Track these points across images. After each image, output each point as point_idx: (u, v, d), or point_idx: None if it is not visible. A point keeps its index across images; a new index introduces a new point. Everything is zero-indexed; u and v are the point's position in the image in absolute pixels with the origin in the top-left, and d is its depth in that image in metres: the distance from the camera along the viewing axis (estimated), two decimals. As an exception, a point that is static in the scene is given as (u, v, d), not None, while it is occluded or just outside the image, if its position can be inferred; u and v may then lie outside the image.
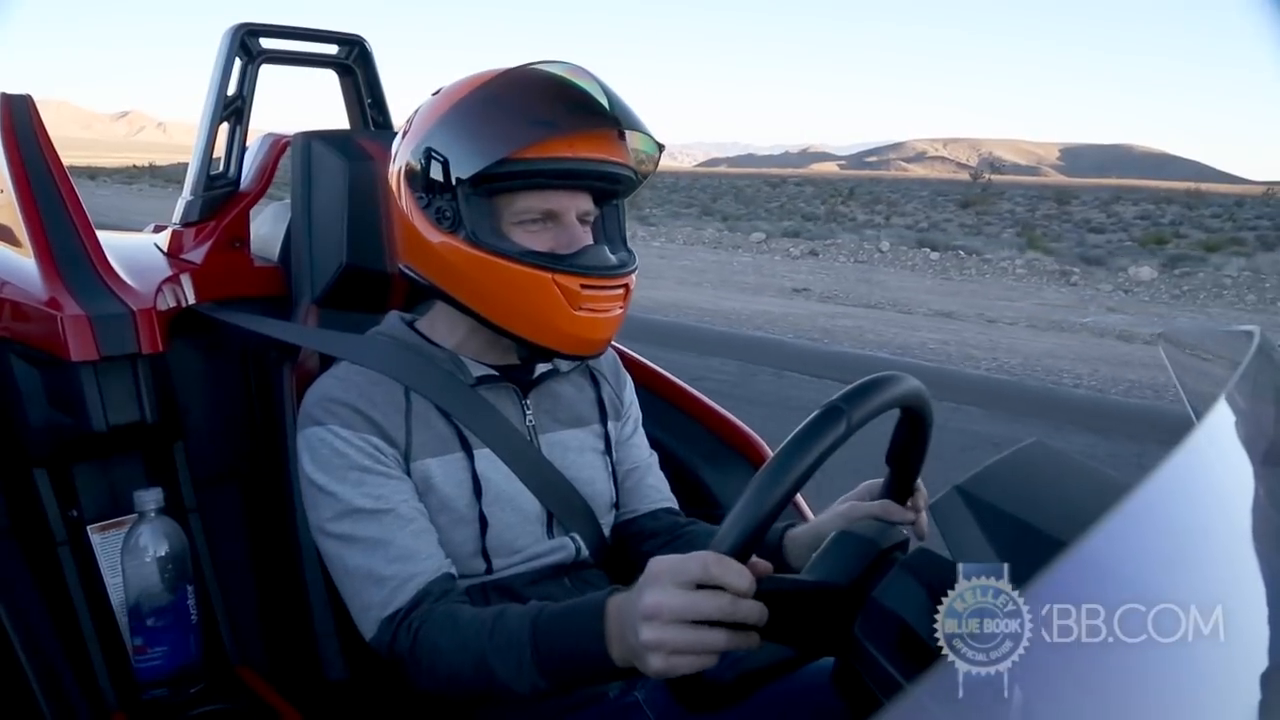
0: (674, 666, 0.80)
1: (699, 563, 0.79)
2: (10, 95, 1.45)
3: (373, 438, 1.13)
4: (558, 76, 1.14)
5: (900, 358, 7.86)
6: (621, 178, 1.18)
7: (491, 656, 0.96)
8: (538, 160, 1.10)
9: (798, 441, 0.81)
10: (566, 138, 1.10)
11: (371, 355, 1.21)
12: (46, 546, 1.35)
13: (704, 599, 0.78)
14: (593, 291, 1.12)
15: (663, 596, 0.80)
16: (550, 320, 1.13)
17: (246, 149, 1.65)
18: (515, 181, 1.11)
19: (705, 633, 0.79)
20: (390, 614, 1.07)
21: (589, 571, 1.25)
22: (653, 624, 0.80)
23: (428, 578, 1.08)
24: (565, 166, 1.12)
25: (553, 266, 1.11)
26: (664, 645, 0.79)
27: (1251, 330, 0.90)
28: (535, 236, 1.14)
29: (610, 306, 1.15)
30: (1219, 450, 0.69)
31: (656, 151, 1.21)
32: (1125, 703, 0.49)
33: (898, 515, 1.09)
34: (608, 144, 1.14)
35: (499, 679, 0.96)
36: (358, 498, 1.10)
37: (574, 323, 1.13)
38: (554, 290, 1.11)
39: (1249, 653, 0.55)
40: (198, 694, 1.33)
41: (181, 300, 1.46)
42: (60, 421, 1.33)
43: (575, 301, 1.12)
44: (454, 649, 1.00)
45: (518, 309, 1.14)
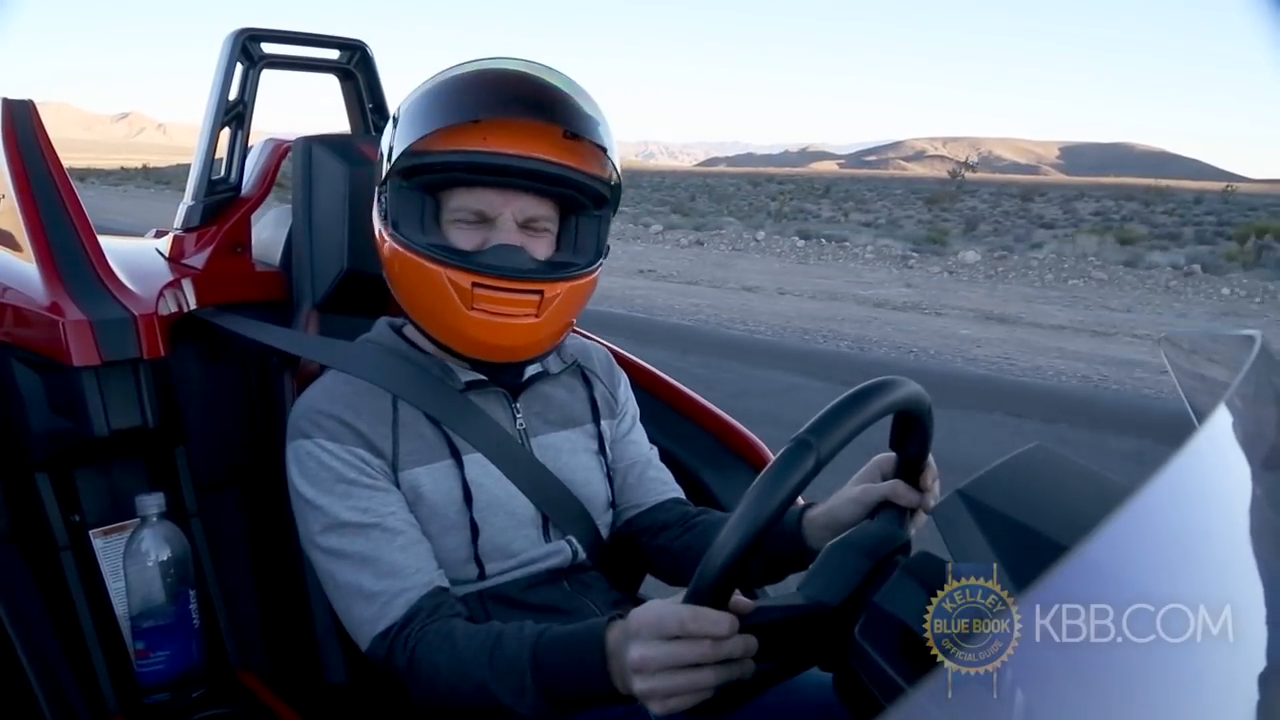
0: (671, 709, 0.82)
1: (675, 619, 0.81)
2: (12, 101, 1.45)
3: (359, 450, 1.12)
4: (504, 70, 1.13)
5: (658, 317, 9.53)
6: (563, 180, 1.13)
7: (492, 682, 0.96)
8: (450, 152, 1.09)
9: (767, 485, 0.81)
10: (478, 127, 1.08)
11: (360, 364, 1.21)
12: (48, 551, 1.35)
13: (685, 648, 0.81)
14: (486, 291, 1.09)
15: (646, 650, 0.82)
16: (445, 318, 1.12)
17: (248, 154, 1.66)
18: (435, 175, 1.11)
19: (693, 675, 0.81)
20: (382, 630, 1.06)
21: (587, 574, 1.24)
22: (642, 675, 0.83)
23: (418, 593, 1.07)
24: (477, 160, 1.09)
25: (447, 261, 1.09)
26: (657, 693, 0.82)
27: (1253, 335, 0.90)
28: (466, 233, 1.12)
29: (512, 311, 1.11)
30: (1220, 453, 0.70)
31: (605, 155, 1.15)
32: (1133, 703, 0.49)
33: (905, 496, 1.06)
34: (539, 142, 1.10)
35: (500, 702, 0.96)
36: (344, 511, 1.10)
37: (468, 323, 1.10)
38: (445, 285, 1.09)
39: (1250, 653, 0.55)
40: (199, 698, 1.32)
41: (183, 305, 1.46)
42: (62, 426, 1.33)
43: (468, 300, 1.09)
44: (452, 669, 1.00)
45: (420, 304, 1.14)
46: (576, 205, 1.18)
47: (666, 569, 1.28)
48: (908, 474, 1.08)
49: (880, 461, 1.12)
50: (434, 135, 1.08)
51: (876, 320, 9.81)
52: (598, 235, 1.20)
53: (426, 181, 1.12)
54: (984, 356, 7.87)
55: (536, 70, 1.13)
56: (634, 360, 1.68)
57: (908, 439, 1.04)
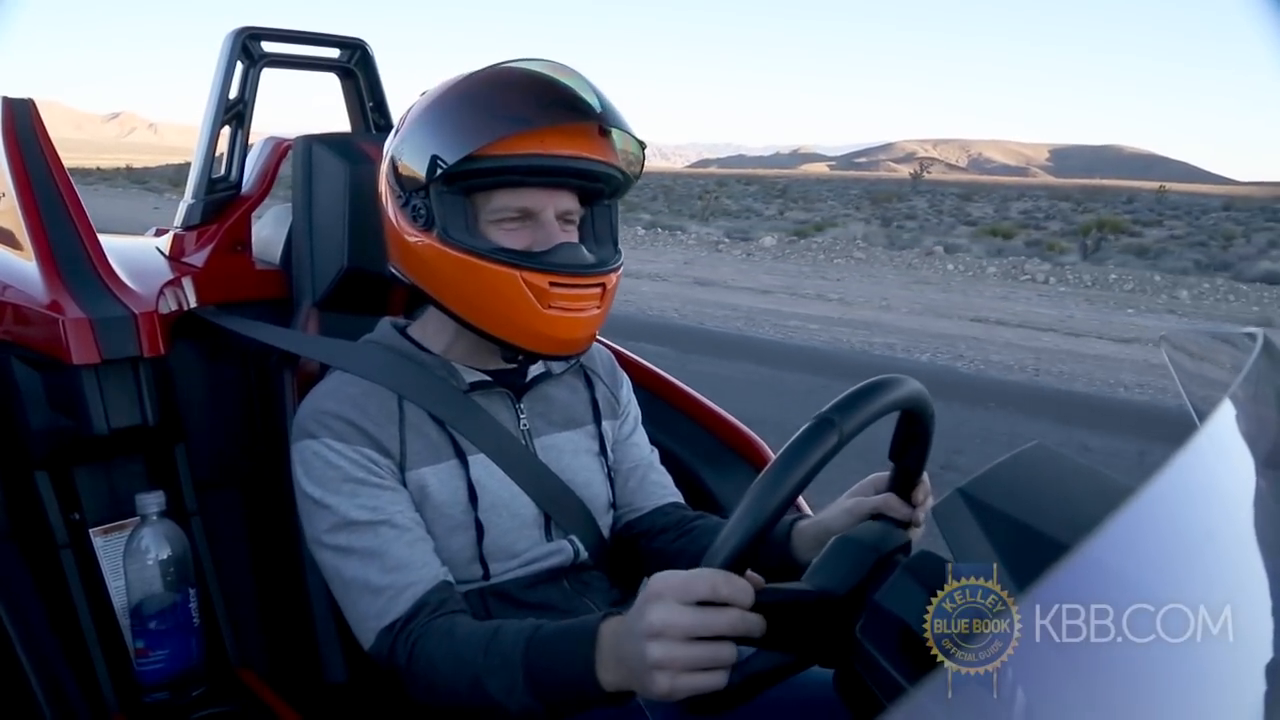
0: (680, 686, 0.78)
1: (707, 582, 0.78)
2: (12, 99, 1.45)
3: (366, 449, 1.12)
4: (535, 73, 1.13)
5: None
6: (601, 175, 1.16)
7: (485, 675, 0.95)
8: (507, 157, 1.09)
9: (791, 453, 0.81)
10: (537, 133, 1.09)
11: (365, 364, 1.21)
12: (48, 549, 1.35)
13: (714, 615, 0.77)
14: (563, 290, 1.11)
15: (670, 614, 0.78)
16: (521, 319, 1.12)
17: (248, 152, 1.66)
18: (486, 179, 1.11)
19: (717, 647, 0.78)
20: (388, 624, 1.06)
21: (588, 573, 1.25)
22: (660, 641, 0.78)
23: (424, 587, 1.07)
24: (534, 163, 1.10)
25: (520, 263, 1.10)
26: (674, 663, 0.78)
27: (1255, 332, 0.90)
28: (511, 235, 1.13)
29: (584, 306, 1.13)
30: (1222, 452, 0.69)
31: (640, 150, 1.19)
32: (1133, 703, 0.48)
33: (898, 510, 1.09)
34: (584, 141, 1.13)
35: (492, 698, 0.95)
36: (352, 509, 1.10)
37: (545, 321, 1.11)
38: (522, 288, 1.10)
39: (1250, 653, 0.55)
40: (199, 697, 1.32)
41: (183, 303, 1.46)
42: (62, 424, 1.33)
43: (545, 300, 1.10)
44: (449, 663, 0.99)
45: (489, 308, 1.13)
46: (598, 196, 1.21)
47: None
48: (902, 486, 1.09)
49: (874, 480, 1.14)
50: (495, 143, 1.08)
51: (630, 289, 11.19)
52: (611, 223, 1.24)
53: (473, 185, 1.12)
54: (671, 309, 10.28)
55: (562, 71, 1.14)
56: (635, 359, 1.68)
57: (909, 447, 1.04)
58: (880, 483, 1.13)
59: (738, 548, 0.79)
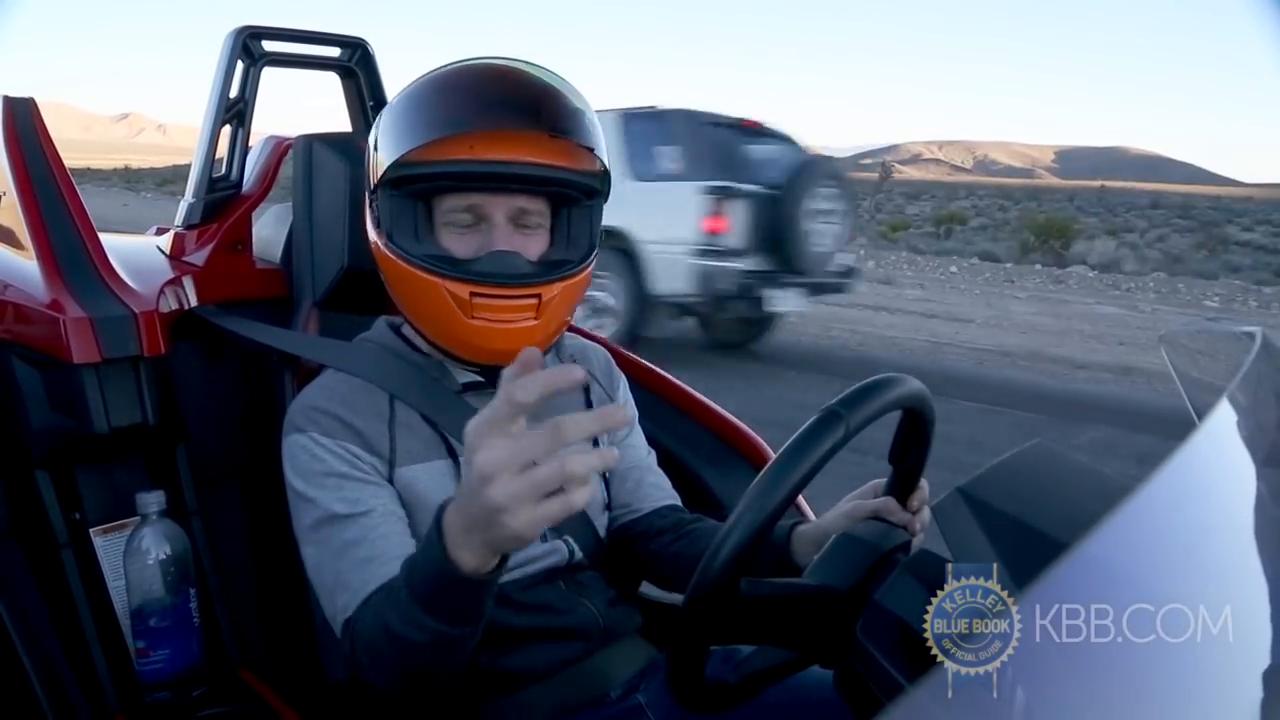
0: (537, 518, 0.73)
1: (502, 399, 0.74)
2: (13, 98, 1.45)
3: (352, 445, 1.12)
4: (487, 72, 1.11)
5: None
6: (551, 180, 1.12)
7: (390, 617, 0.91)
8: (436, 162, 1.08)
9: (797, 446, 0.81)
10: (465, 137, 1.07)
11: (358, 363, 1.21)
12: (49, 549, 1.35)
13: (535, 436, 0.73)
14: (485, 300, 1.08)
15: (490, 452, 0.74)
16: (445, 327, 1.11)
17: (249, 151, 1.66)
18: (422, 184, 1.10)
19: (555, 465, 0.73)
20: (347, 619, 1.03)
21: (585, 574, 1.24)
22: (494, 484, 0.73)
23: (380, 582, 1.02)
24: (464, 169, 1.08)
25: (444, 272, 1.09)
26: (517, 497, 0.73)
27: (1253, 331, 0.90)
28: (460, 239, 1.12)
29: (511, 317, 1.10)
30: (1221, 451, 0.70)
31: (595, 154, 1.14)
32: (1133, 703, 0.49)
33: (895, 514, 1.09)
34: (524, 145, 1.09)
35: (407, 641, 0.90)
36: (335, 503, 1.09)
37: (470, 331, 1.10)
38: (444, 297, 1.09)
39: (1250, 653, 0.55)
40: (200, 697, 1.32)
41: (184, 302, 1.46)
42: (62, 424, 1.33)
43: (467, 310, 1.09)
44: (373, 630, 0.96)
45: (424, 313, 1.13)
46: (568, 199, 1.18)
47: (659, 574, 1.28)
48: (901, 489, 1.09)
49: (875, 485, 1.13)
50: (421, 148, 1.07)
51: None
52: (590, 226, 1.20)
53: (416, 190, 1.11)
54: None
55: (516, 68, 1.12)
56: (634, 358, 1.68)
57: (909, 449, 1.05)
58: (880, 488, 1.12)
59: (745, 536, 0.79)
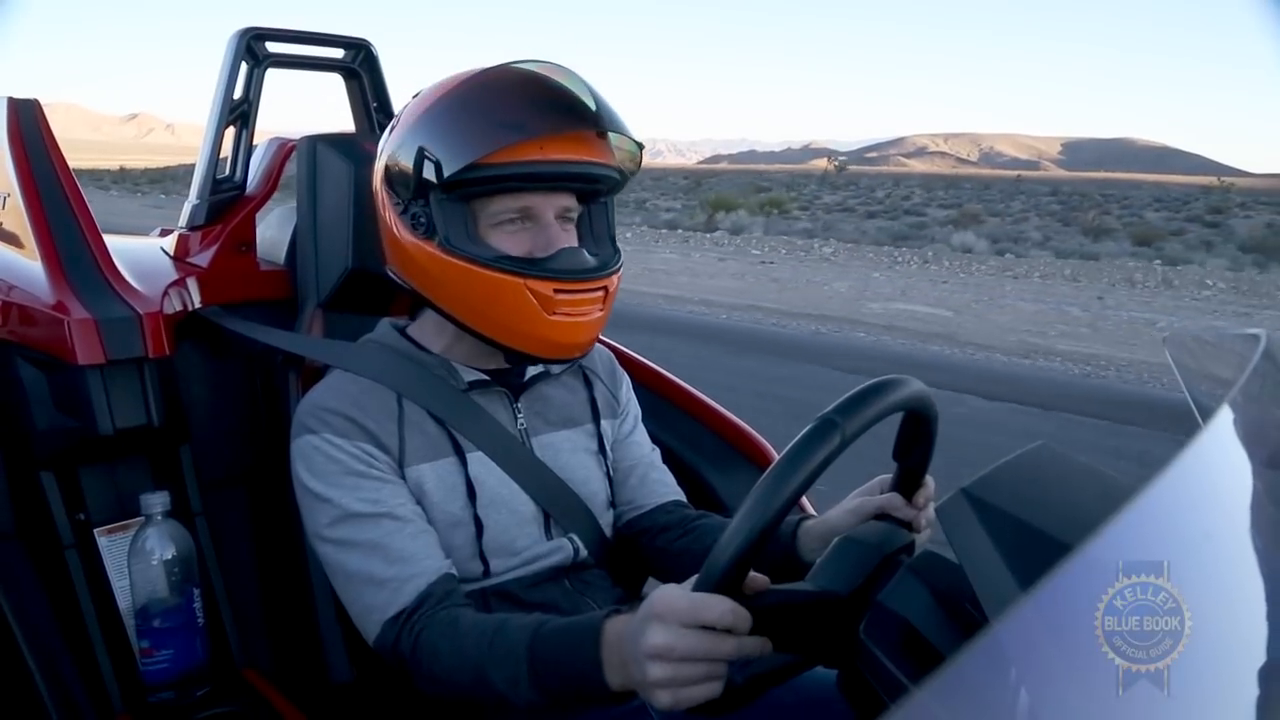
0: (681, 701, 0.79)
1: (713, 611, 0.78)
2: (17, 100, 1.45)
3: (366, 445, 1.13)
4: (532, 75, 1.13)
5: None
6: (600, 177, 1.16)
7: (489, 668, 0.95)
8: (507, 164, 1.09)
9: (794, 455, 0.80)
10: (536, 140, 1.09)
11: (364, 363, 1.21)
12: (53, 549, 1.35)
13: (715, 642, 0.78)
14: (567, 296, 1.11)
15: (671, 638, 0.78)
16: (525, 326, 1.12)
17: (253, 152, 1.66)
18: (486, 186, 1.11)
19: (712, 667, 0.79)
20: (393, 615, 1.06)
21: (590, 572, 1.25)
22: (661, 663, 0.79)
23: (428, 579, 1.07)
24: (535, 170, 1.10)
25: (525, 272, 1.10)
26: (674, 682, 0.79)
27: (1258, 334, 0.90)
28: (512, 238, 1.13)
29: (588, 310, 1.14)
30: (1224, 453, 0.69)
31: (638, 150, 1.19)
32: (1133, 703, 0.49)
33: (901, 511, 1.09)
34: (583, 144, 1.13)
35: (496, 689, 0.95)
36: (354, 503, 1.10)
37: (550, 327, 1.12)
38: (527, 296, 1.10)
39: (1250, 652, 0.55)
40: (204, 697, 1.33)
41: (188, 304, 1.47)
42: (67, 425, 1.33)
43: (550, 306, 1.10)
44: (453, 655, 1.00)
45: (492, 315, 1.13)
46: (595, 195, 1.22)
47: (664, 571, 1.29)
48: (906, 486, 1.08)
49: (880, 481, 1.14)
50: (498, 152, 1.08)
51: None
52: (608, 220, 1.25)
53: (472, 193, 1.12)
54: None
55: (559, 73, 1.14)
56: (637, 358, 1.68)
57: (912, 447, 1.04)
58: (886, 484, 1.13)
59: (741, 549, 0.79)
